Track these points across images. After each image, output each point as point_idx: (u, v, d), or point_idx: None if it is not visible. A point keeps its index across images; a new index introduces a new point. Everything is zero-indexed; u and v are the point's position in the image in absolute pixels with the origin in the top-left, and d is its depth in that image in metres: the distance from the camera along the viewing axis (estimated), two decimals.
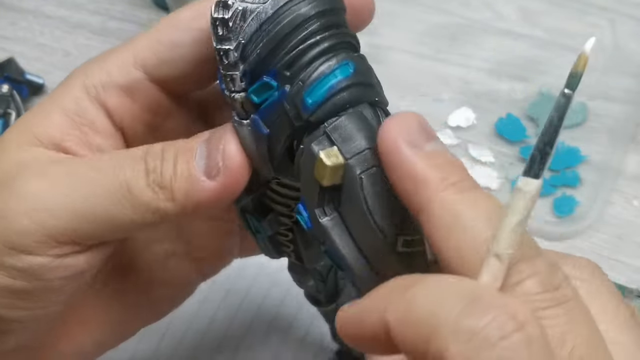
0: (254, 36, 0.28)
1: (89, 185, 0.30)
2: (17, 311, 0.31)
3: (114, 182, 0.30)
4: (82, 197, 0.30)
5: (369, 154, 0.27)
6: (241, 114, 0.30)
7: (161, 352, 0.47)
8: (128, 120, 0.33)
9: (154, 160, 0.30)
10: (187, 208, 0.30)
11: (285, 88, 0.28)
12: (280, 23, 0.28)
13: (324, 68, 0.28)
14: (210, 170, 0.30)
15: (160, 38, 0.32)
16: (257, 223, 0.34)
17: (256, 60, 0.28)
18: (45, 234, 0.30)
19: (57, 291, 0.31)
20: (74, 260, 0.31)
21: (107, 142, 0.33)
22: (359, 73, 0.28)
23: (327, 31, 0.28)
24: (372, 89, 0.29)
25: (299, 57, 0.28)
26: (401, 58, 0.62)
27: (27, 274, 0.30)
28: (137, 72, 0.32)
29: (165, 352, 0.47)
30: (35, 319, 0.32)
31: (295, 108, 0.28)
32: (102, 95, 0.32)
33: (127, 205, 0.30)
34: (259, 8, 0.28)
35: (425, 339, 0.21)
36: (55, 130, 0.32)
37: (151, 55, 0.32)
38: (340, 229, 0.28)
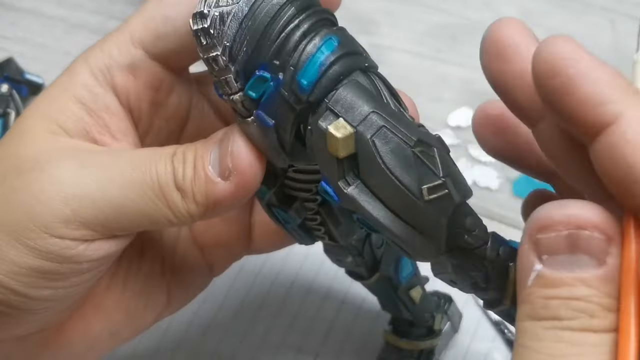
0: (237, 36, 0.29)
1: (125, 181, 0.31)
2: (42, 290, 0.32)
3: (148, 182, 0.31)
4: (117, 191, 0.31)
5: (374, 116, 0.28)
6: (243, 112, 0.30)
7: (162, 351, 0.47)
8: (133, 99, 0.34)
9: (179, 163, 0.32)
10: (209, 209, 0.32)
11: (279, 76, 0.29)
12: (258, 17, 0.29)
13: (310, 48, 0.29)
14: (223, 172, 0.31)
15: (152, 14, 0.33)
16: (285, 214, 0.35)
17: (245, 58, 0.29)
18: (78, 220, 0.31)
19: (83, 274, 0.32)
20: (103, 245, 0.32)
21: (123, 124, 0.34)
22: (343, 44, 0.29)
23: (303, 13, 0.29)
24: (360, 56, 0.30)
25: (284, 44, 0.29)
26: (401, 58, 0.62)
27: (58, 256, 0.31)
28: (137, 50, 0.33)
29: (166, 350, 0.47)
30: (58, 299, 0.33)
31: (293, 93, 0.29)
32: (108, 77, 0.33)
33: (160, 205, 0.31)
34: (234, 8, 0.29)
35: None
36: (75, 119, 0.33)
37: (146, 33, 0.33)
38: (366, 194, 0.28)
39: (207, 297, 0.49)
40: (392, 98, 0.30)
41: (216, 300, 0.49)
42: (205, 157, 0.31)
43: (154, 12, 0.33)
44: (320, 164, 0.30)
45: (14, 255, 0.31)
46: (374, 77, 0.30)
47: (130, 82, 0.33)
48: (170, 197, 0.31)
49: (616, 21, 0.63)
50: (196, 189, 0.31)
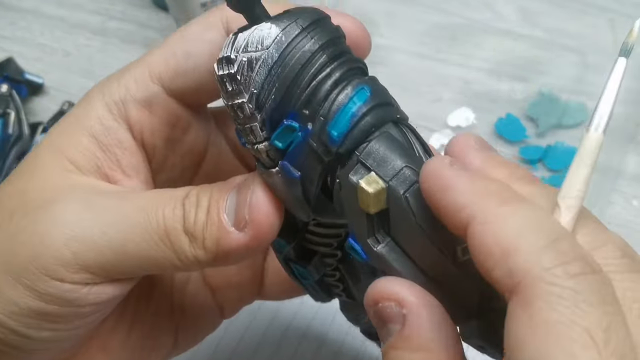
0: (265, 83, 0.28)
1: (128, 224, 0.30)
2: (43, 332, 0.31)
3: (153, 225, 0.30)
4: (119, 234, 0.30)
5: (408, 171, 0.27)
6: (267, 163, 0.29)
7: None
8: (148, 135, 0.33)
9: (190, 207, 0.30)
10: (218, 256, 0.30)
11: (307, 127, 0.28)
12: (289, 64, 0.28)
13: (341, 98, 0.28)
14: (239, 222, 0.30)
15: (173, 50, 0.32)
16: (303, 269, 0.34)
17: (272, 106, 0.28)
18: (80, 264, 0.30)
19: (85, 316, 0.32)
20: (106, 289, 0.31)
21: (135, 159, 0.33)
22: (376, 95, 0.28)
23: (335, 61, 0.28)
24: (392, 107, 0.29)
25: (315, 92, 0.28)
26: (401, 58, 0.62)
27: (59, 299, 0.30)
28: (154, 85, 0.32)
29: None
30: (60, 340, 0.32)
31: (323, 143, 0.28)
32: (123, 111, 0.33)
33: (164, 249, 0.30)
34: (263, 54, 0.27)
35: (505, 252, 0.23)
36: (87, 155, 0.32)
37: (166, 68, 0.32)
38: (397, 252, 0.27)
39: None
40: (424, 152, 0.29)
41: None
42: (221, 202, 0.30)
43: (175, 47, 0.32)
44: (349, 219, 0.28)
45: (15, 296, 0.30)
46: (406, 130, 0.29)
47: (145, 117, 0.33)
48: (177, 241, 0.30)
49: (616, 21, 0.63)
50: (207, 235, 0.30)
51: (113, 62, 0.66)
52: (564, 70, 0.60)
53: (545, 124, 0.56)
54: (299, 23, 0.28)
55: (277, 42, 0.27)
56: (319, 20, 0.28)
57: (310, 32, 0.28)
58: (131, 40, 0.68)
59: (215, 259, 0.30)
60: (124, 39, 0.68)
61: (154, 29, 0.68)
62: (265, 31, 0.27)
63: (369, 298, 0.26)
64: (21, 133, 0.58)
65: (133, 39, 0.68)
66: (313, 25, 0.28)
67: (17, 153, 0.57)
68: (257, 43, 0.27)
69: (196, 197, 0.31)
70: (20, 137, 0.58)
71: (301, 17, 0.28)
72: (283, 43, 0.27)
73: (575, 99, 0.58)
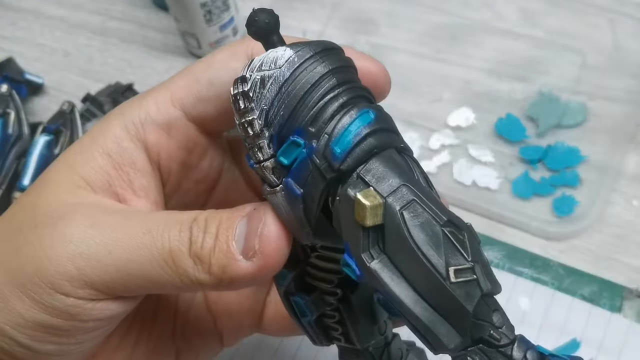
0: (275, 100, 0.29)
1: (133, 244, 0.30)
2: (47, 345, 0.31)
3: (158, 246, 0.30)
4: (124, 253, 0.30)
5: (405, 189, 0.27)
6: (273, 182, 0.30)
7: None
8: (164, 158, 0.34)
9: (198, 231, 0.31)
10: (223, 282, 0.31)
11: (312, 144, 0.29)
12: (299, 83, 0.29)
13: (346, 119, 0.29)
14: (247, 251, 0.30)
15: (197, 77, 0.33)
16: (302, 304, 0.34)
17: (280, 122, 0.29)
18: (84, 281, 0.30)
19: (88, 332, 0.32)
20: (110, 305, 0.31)
21: (146, 181, 0.33)
22: (380, 119, 0.29)
23: (343, 85, 0.29)
24: (395, 135, 0.30)
25: (321, 112, 0.29)
26: (401, 58, 0.62)
27: (63, 312, 0.31)
28: (175, 110, 0.33)
29: None
30: (63, 354, 0.32)
31: (326, 160, 0.28)
32: (141, 132, 0.33)
33: (168, 271, 0.30)
34: (276, 72, 0.29)
35: None
36: (100, 173, 0.33)
37: (189, 94, 0.33)
38: (390, 269, 0.27)
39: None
40: (424, 179, 0.29)
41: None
42: (230, 230, 0.30)
43: (199, 75, 0.33)
44: (345, 233, 0.28)
45: (21, 308, 0.30)
46: (408, 158, 0.30)
47: (163, 140, 0.33)
48: (181, 264, 0.30)
49: (616, 21, 0.63)
50: (214, 261, 0.30)
51: (113, 62, 0.66)
52: (564, 70, 0.60)
53: (545, 124, 0.56)
54: (312, 48, 0.29)
55: (290, 62, 0.29)
56: (332, 49, 0.30)
57: (323, 56, 0.29)
58: (131, 40, 0.68)
59: (220, 284, 0.31)
60: (124, 39, 0.68)
61: (154, 29, 0.68)
62: (280, 52, 0.29)
63: None
64: (21, 133, 0.58)
65: (133, 39, 0.68)
66: (326, 52, 0.29)
67: (16, 153, 0.57)
68: (271, 62, 0.29)
69: (205, 222, 0.31)
70: (20, 137, 0.58)
71: (315, 44, 0.29)
72: (295, 63, 0.29)
73: (575, 99, 0.58)
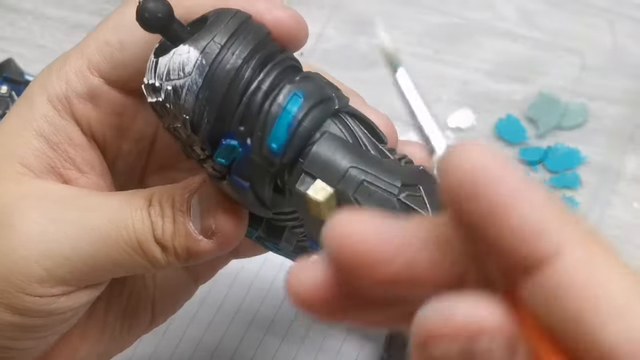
0: (195, 107, 0.28)
1: (99, 237, 0.30)
2: (25, 342, 0.32)
3: (124, 237, 0.30)
4: (91, 247, 0.30)
5: (353, 171, 0.27)
6: (216, 175, 0.29)
7: (159, 354, 0.47)
8: (97, 128, 0.33)
9: (156, 216, 0.31)
10: (191, 259, 0.31)
11: (247, 142, 0.28)
12: (215, 86, 0.27)
13: (275, 109, 0.28)
14: (206, 231, 0.30)
15: (107, 39, 0.32)
16: (276, 247, 0.35)
17: (207, 128, 0.28)
18: (55, 280, 0.30)
19: (66, 320, 0.32)
20: (83, 293, 0.31)
21: (88, 154, 0.33)
22: (309, 96, 0.28)
23: (261, 71, 0.28)
24: (328, 101, 0.29)
25: (248, 108, 0.28)
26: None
27: (39, 312, 0.30)
28: (94, 78, 0.32)
29: (163, 354, 0.47)
30: (42, 344, 0.32)
31: (265, 157, 0.28)
32: (68, 107, 0.32)
33: (138, 258, 0.31)
34: (187, 81, 0.27)
35: (619, 311, 0.16)
36: (39, 156, 0.32)
37: (103, 60, 0.32)
38: None
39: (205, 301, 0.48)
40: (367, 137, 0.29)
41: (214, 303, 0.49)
42: (184, 210, 0.30)
43: (109, 36, 0.32)
44: (306, 226, 0.29)
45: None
46: (347, 119, 0.29)
47: (91, 110, 0.32)
48: (149, 251, 0.31)
49: (616, 21, 0.62)
50: (177, 244, 0.30)
51: None
52: (564, 71, 0.60)
53: (545, 125, 0.56)
54: (216, 41, 0.27)
55: (199, 67, 0.27)
56: (238, 30, 0.28)
57: (231, 47, 0.27)
58: None
59: (188, 261, 0.31)
60: None
61: None
62: (185, 56, 0.27)
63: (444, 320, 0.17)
64: None
65: None
66: (232, 39, 0.27)
67: None
68: (178, 70, 0.27)
69: (159, 204, 0.30)
70: None
71: (219, 33, 0.27)
72: (204, 67, 0.27)
73: (575, 100, 0.58)
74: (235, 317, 0.48)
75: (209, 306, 0.49)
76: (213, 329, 0.48)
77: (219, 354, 0.47)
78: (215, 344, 0.47)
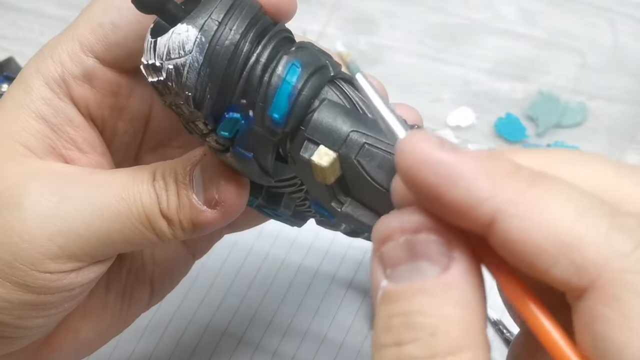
0: (197, 84, 0.28)
1: (110, 213, 0.31)
2: (34, 320, 0.32)
3: (134, 213, 0.31)
4: (103, 223, 0.31)
5: (354, 135, 0.28)
6: (220, 148, 0.30)
7: (160, 350, 0.47)
8: (94, 108, 0.33)
9: (161, 190, 0.31)
10: (197, 231, 0.32)
11: (249, 114, 0.28)
12: (215, 62, 0.28)
13: (275, 80, 0.28)
14: (209, 201, 0.31)
15: (100, 21, 0.32)
16: (275, 213, 0.35)
17: (210, 103, 0.28)
18: (68, 256, 0.30)
19: (74, 297, 0.32)
20: (92, 269, 0.32)
21: (88, 134, 0.33)
22: (307, 65, 0.29)
23: (258, 45, 0.28)
24: (323, 69, 0.29)
25: (248, 81, 0.28)
26: (401, 58, 0.62)
27: (51, 288, 0.31)
28: (89, 59, 0.32)
29: (163, 350, 0.47)
30: (51, 323, 0.33)
31: (267, 128, 0.29)
32: (65, 89, 0.32)
33: (146, 232, 0.31)
34: (188, 59, 0.28)
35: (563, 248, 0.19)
36: (40, 138, 0.32)
37: (96, 40, 0.32)
38: (360, 208, 0.29)
39: (205, 300, 0.49)
40: (363, 101, 0.30)
41: (214, 302, 0.49)
42: (187, 182, 0.31)
43: (101, 18, 0.32)
44: (311, 190, 0.29)
45: (3, 293, 0.30)
46: (342, 85, 0.30)
47: (88, 91, 0.33)
48: (157, 225, 0.31)
49: (616, 21, 0.63)
50: (182, 217, 0.31)
51: None
52: (564, 70, 0.60)
53: (545, 124, 0.56)
54: (213, 18, 0.28)
55: (199, 45, 0.28)
56: (233, 5, 0.28)
57: (228, 22, 0.28)
58: None
59: (194, 233, 0.32)
60: None
61: None
62: (184, 35, 0.28)
63: (404, 222, 0.21)
64: None
65: None
66: (229, 14, 0.28)
67: None
68: (178, 49, 0.28)
69: (162, 178, 0.31)
70: None
71: (215, 10, 0.28)
72: (204, 44, 0.28)
73: (575, 99, 0.58)
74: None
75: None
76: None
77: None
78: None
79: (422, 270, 0.21)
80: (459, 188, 0.20)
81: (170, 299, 0.41)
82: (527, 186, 0.20)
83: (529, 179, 0.20)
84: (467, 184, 0.20)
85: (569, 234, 0.19)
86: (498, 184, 0.20)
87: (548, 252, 0.19)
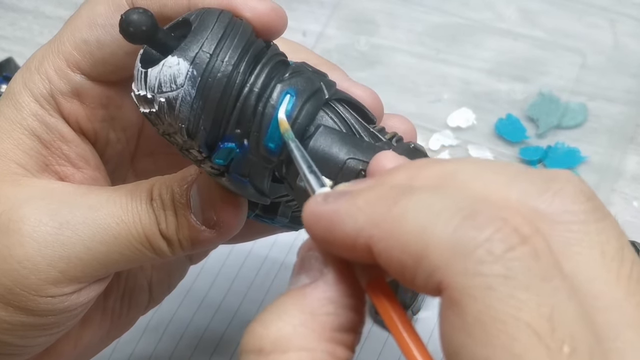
0: (191, 116, 0.28)
1: (110, 237, 0.31)
2: (37, 339, 0.32)
3: (135, 235, 0.31)
4: (103, 246, 0.31)
5: (351, 162, 0.28)
6: (215, 173, 0.30)
7: (160, 351, 0.47)
8: (84, 122, 0.33)
9: (159, 210, 0.31)
10: (196, 248, 0.32)
11: (244, 143, 0.28)
12: (208, 95, 0.28)
13: (269, 110, 0.28)
14: (208, 222, 0.31)
15: (84, 38, 0.31)
16: (272, 221, 0.35)
17: (204, 134, 0.28)
18: (69, 280, 0.31)
19: (77, 315, 0.32)
20: (93, 288, 0.32)
21: (81, 149, 0.33)
22: (301, 92, 0.28)
23: (251, 74, 0.28)
24: (318, 94, 0.29)
25: (242, 112, 0.28)
26: (401, 58, 0.62)
27: (52, 311, 0.31)
28: (76, 75, 0.32)
29: (163, 351, 0.47)
30: (50, 341, 0.33)
31: (262, 156, 0.29)
32: (54, 105, 0.32)
33: (147, 253, 0.31)
34: (180, 92, 0.27)
35: (416, 257, 0.20)
36: (33, 155, 0.32)
37: (82, 57, 0.32)
38: None
39: (204, 302, 0.49)
40: (359, 122, 0.29)
41: (214, 303, 0.49)
42: (185, 202, 0.31)
43: (85, 35, 0.32)
44: None
45: (5, 316, 0.30)
46: (337, 107, 0.29)
47: (77, 106, 0.32)
48: (157, 245, 0.31)
49: (616, 21, 0.62)
50: (181, 237, 0.31)
51: None
52: (564, 70, 0.60)
53: (546, 125, 0.56)
54: (205, 50, 0.27)
55: (190, 78, 0.27)
56: (224, 35, 0.28)
57: (220, 54, 0.28)
58: None
59: (193, 250, 0.32)
60: None
61: None
62: (175, 68, 0.27)
63: (307, 241, 0.24)
64: None
65: None
66: (220, 44, 0.28)
67: None
68: (170, 82, 0.27)
69: (160, 198, 0.31)
70: None
71: (206, 40, 0.27)
72: (196, 77, 0.27)
73: (576, 99, 0.58)
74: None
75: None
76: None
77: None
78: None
79: (300, 280, 0.24)
80: (337, 232, 0.22)
81: (169, 300, 0.41)
82: (391, 206, 0.21)
83: (394, 200, 0.21)
84: (342, 226, 0.22)
85: (419, 243, 0.20)
86: (369, 213, 0.22)
87: (407, 265, 0.20)
